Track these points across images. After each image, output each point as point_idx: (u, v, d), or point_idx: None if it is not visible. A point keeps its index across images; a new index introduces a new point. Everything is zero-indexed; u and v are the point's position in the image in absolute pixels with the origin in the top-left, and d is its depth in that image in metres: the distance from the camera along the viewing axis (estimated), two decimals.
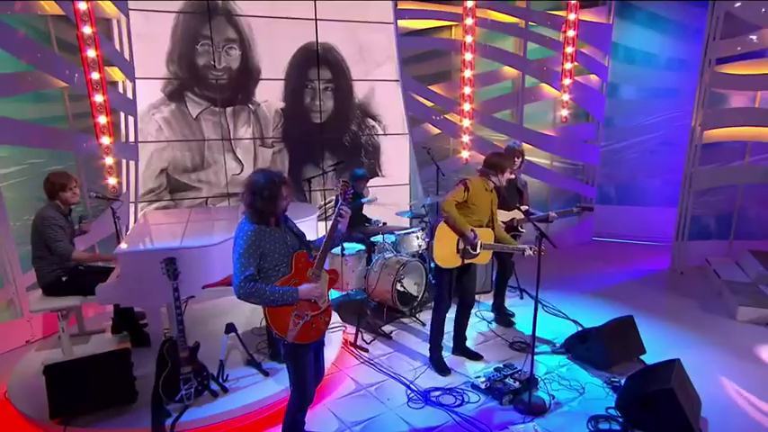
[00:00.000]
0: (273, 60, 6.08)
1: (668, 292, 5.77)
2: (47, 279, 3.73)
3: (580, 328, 4.48)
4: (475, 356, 4.14)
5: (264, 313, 2.55)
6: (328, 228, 2.67)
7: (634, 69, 7.20)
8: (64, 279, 3.76)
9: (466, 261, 3.78)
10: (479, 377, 3.77)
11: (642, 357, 4.08)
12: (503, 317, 4.83)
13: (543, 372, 3.90)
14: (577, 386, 3.71)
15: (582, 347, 4.06)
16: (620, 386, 3.60)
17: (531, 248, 3.56)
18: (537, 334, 3.37)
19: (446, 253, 3.74)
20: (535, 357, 3.50)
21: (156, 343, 3.51)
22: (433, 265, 3.83)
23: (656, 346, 4.16)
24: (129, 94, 5.42)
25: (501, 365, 3.89)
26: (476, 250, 3.75)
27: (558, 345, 4.31)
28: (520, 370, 3.77)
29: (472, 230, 3.66)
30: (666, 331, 4.64)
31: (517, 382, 3.61)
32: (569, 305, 5.13)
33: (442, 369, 3.91)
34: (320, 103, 6.40)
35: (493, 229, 3.85)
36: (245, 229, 2.50)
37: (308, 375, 2.70)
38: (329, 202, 6.63)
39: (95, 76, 4.76)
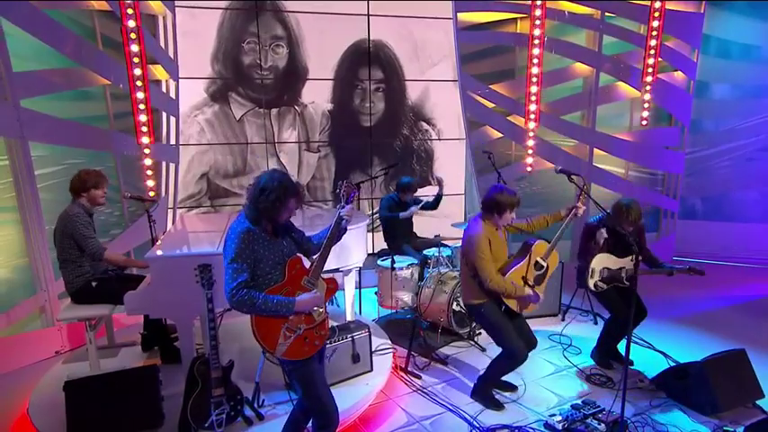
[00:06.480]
0: (322, 59, 5.92)
1: None
2: (76, 285, 3.61)
3: (672, 363, 4.02)
4: (508, 387, 3.79)
5: (251, 323, 2.39)
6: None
7: (729, 64, 6.62)
8: (94, 284, 3.63)
9: (544, 282, 3.62)
10: (554, 415, 3.36)
11: (759, 403, 3.49)
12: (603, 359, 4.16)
13: (631, 413, 3.42)
14: None
15: (679, 386, 3.55)
16: None
17: (578, 206, 3.52)
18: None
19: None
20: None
21: (187, 360, 3.30)
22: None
23: None
24: (172, 94, 5.36)
25: (579, 402, 3.47)
26: (542, 269, 3.55)
27: (646, 380, 3.83)
28: (605, 409, 3.33)
29: (528, 285, 3.48)
30: None
31: (602, 425, 3.19)
32: (654, 334, 4.61)
33: (496, 404, 3.57)
34: (370, 105, 6.17)
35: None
36: (237, 231, 2.38)
37: (320, 388, 2.51)
38: (377, 213, 6.35)
39: (138, 72, 4.69)
